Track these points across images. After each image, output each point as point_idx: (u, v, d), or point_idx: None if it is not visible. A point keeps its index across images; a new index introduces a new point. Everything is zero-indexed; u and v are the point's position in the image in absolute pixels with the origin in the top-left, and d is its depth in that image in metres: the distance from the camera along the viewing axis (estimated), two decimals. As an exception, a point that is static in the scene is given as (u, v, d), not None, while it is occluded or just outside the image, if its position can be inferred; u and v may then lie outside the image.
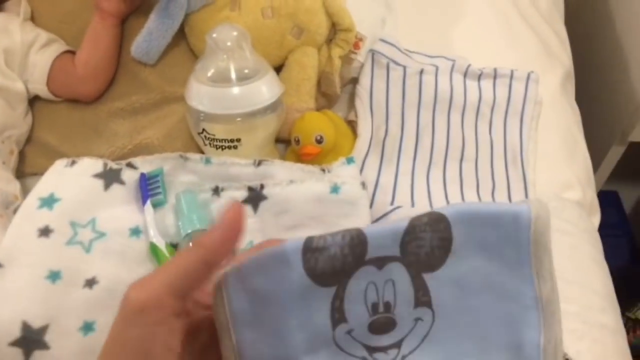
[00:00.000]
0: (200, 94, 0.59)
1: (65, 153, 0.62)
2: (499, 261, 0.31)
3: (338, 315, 0.30)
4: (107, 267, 0.52)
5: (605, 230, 0.91)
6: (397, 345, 0.31)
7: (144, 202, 0.57)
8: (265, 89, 0.60)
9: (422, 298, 0.31)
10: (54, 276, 0.50)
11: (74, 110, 0.65)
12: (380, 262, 0.31)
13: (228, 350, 0.30)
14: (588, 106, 0.87)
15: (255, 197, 0.57)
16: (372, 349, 0.30)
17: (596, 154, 1.09)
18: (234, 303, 0.30)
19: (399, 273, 0.31)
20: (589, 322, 0.57)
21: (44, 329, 0.47)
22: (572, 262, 0.61)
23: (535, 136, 0.68)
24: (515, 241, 0.30)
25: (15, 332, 0.47)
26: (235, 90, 0.58)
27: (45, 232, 0.52)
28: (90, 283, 0.51)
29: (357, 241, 0.30)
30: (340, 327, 0.30)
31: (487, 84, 0.70)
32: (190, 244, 0.53)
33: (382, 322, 0.31)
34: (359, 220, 0.56)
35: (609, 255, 0.71)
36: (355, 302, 0.30)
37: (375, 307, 0.31)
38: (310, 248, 0.30)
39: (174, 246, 0.55)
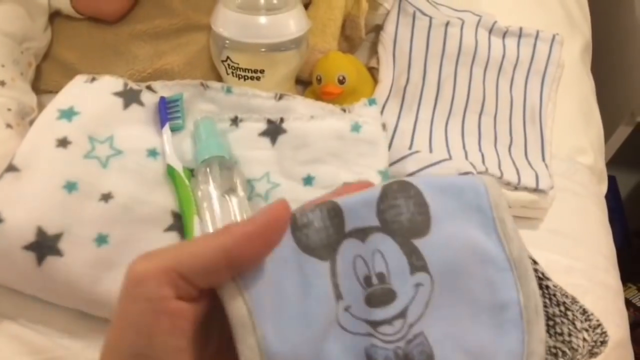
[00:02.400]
0: (227, 21, 0.58)
1: (82, 72, 0.61)
2: (471, 227, 0.31)
3: (336, 292, 0.30)
4: (123, 183, 0.52)
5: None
6: (402, 315, 0.30)
7: (162, 125, 0.56)
8: (292, 23, 0.59)
9: (417, 263, 0.31)
10: (71, 187, 0.50)
11: (95, 29, 0.64)
12: (362, 234, 0.31)
13: (251, 350, 0.27)
14: (599, 83, 0.87)
15: (274, 130, 0.57)
16: (375, 324, 0.30)
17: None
18: (253, 294, 0.28)
19: (384, 243, 0.31)
20: (594, 280, 0.57)
21: (58, 236, 0.47)
22: (580, 222, 0.62)
23: (554, 98, 0.68)
24: (478, 208, 0.31)
25: (30, 237, 0.46)
26: (263, 19, 0.57)
27: (63, 142, 0.51)
28: (106, 197, 0.51)
29: (333, 213, 0.31)
30: (338, 304, 0.29)
31: (511, 42, 0.69)
32: (208, 174, 0.53)
33: (379, 294, 0.30)
34: (377, 160, 0.55)
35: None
36: (347, 277, 0.30)
37: (367, 279, 0.30)
38: (297, 227, 0.30)
39: (190, 170, 0.54)
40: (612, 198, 1.43)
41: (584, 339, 0.41)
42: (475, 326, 0.31)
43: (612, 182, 1.44)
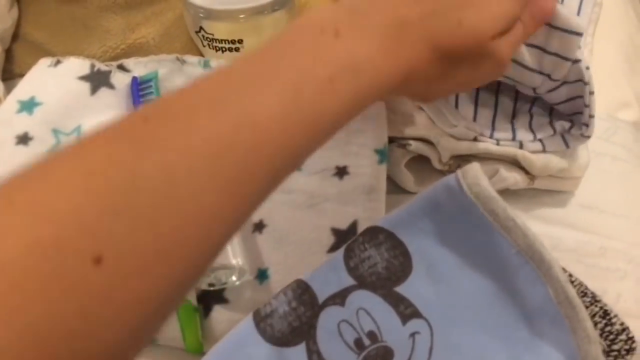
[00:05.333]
0: (198, -14, 0.51)
1: (54, 52, 0.56)
2: (463, 238, 0.30)
3: None
4: (92, 180, 0.47)
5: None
6: None
7: (135, 108, 0.51)
8: (273, -19, 0.51)
9: (407, 311, 0.29)
10: (33, 188, 0.45)
11: (62, 4, 0.58)
12: (340, 298, 0.30)
13: None
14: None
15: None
16: None
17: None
18: None
19: (366, 299, 0.30)
20: (635, 261, 0.50)
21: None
22: (620, 193, 0.53)
23: (591, 43, 0.58)
24: (462, 209, 0.29)
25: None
26: (238, -19, 0.50)
27: (23, 139, 0.47)
28: (73, 197, 0.46)
29: (300, 290, 0.30)
30: None
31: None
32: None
33: (375, 355, 0.29)
34: (373, 137, 0.48)
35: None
36: (335, 348, 0.29)
37: (358, 342, 0.29)
38: (260, 318, 0.30)
39: (167, 159, 0.49)
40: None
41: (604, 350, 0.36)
42: (508, 350, 0.27)
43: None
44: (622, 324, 0.36)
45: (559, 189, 0.52)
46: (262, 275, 0.45)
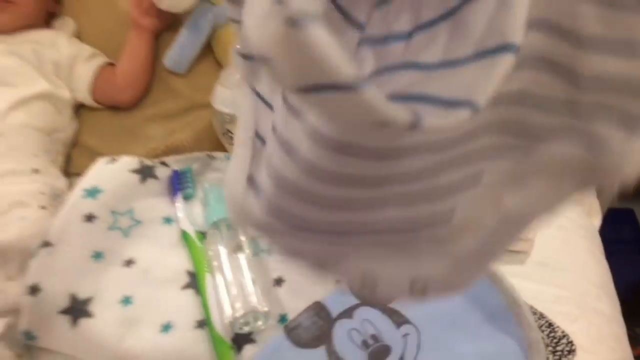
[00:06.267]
0: (225, 98, 0.65)
1: (105, 154, 0.69)
2: None
3: None
4: (143, 250, 0.59)
5: (620, 247, 0.94)
6: None
7: (175, 194, 0.63)
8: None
9: (399, 319, 0.41)
10: (97, 256, 0.57)
11: (114, 116, 0.73)
12: (348, 314, 0.42)
13: None
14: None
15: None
16: None
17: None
18: None
19: (368, 313, 0.41)
20: (584, 307, 0.60)
21: (88, 300, 0.54)
22: (567, 253, 0.65)
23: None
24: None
25: (64, 302, 0.53)
26: (257, 95, 0.65)
27: (89, 218, 0.58)
28: (129, 263, 0.57)
29: (318, 308, 0.44)
30: None
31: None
32: (217, 235, 0.59)
33: (378, 351, 0.40)
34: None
35: (623, 271, 0.75)
36: (347, 348, 0.41)
37: (365, 343, 0.40)
38: (289, 330, 0.44)
39: (202, 234, 0.61)
40: (632, 230, 1.44)
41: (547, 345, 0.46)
42: (475, 342, 0.38)
43: (631, 215, 1.46)
44: (563, 331, 0.48)
45: (518, 250, 0.64)
46: (282, 319, 0.55)
